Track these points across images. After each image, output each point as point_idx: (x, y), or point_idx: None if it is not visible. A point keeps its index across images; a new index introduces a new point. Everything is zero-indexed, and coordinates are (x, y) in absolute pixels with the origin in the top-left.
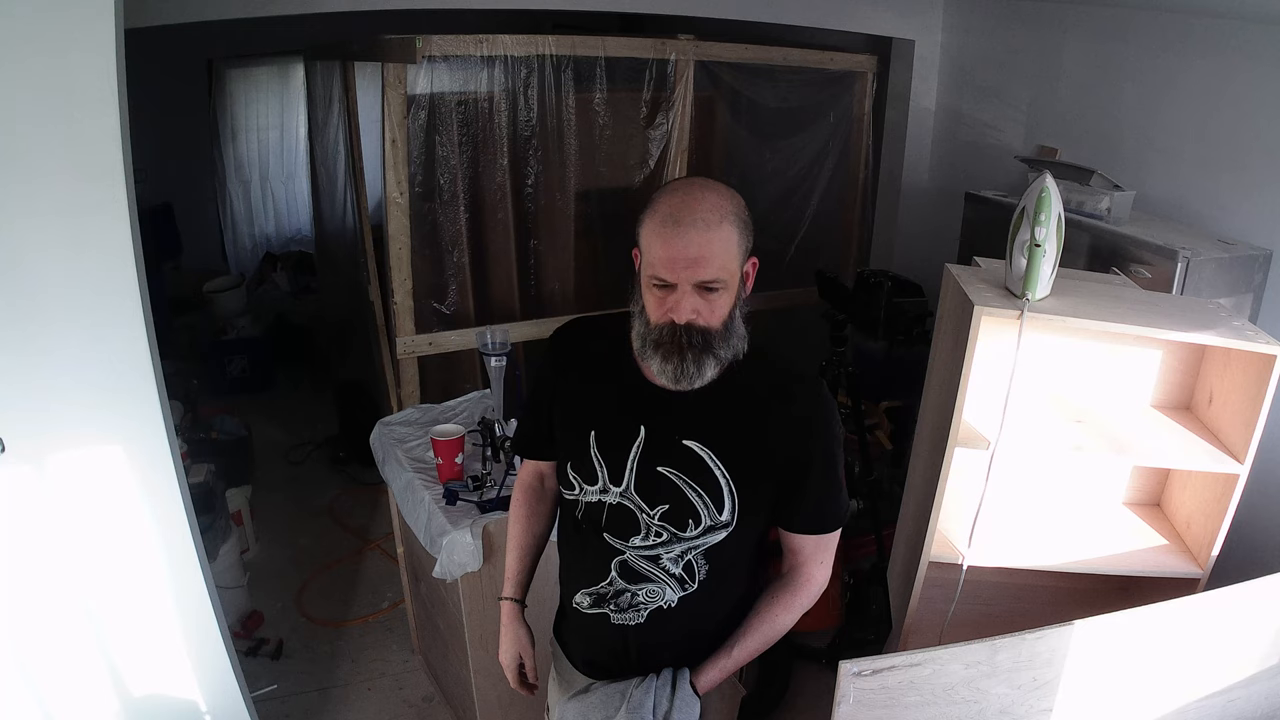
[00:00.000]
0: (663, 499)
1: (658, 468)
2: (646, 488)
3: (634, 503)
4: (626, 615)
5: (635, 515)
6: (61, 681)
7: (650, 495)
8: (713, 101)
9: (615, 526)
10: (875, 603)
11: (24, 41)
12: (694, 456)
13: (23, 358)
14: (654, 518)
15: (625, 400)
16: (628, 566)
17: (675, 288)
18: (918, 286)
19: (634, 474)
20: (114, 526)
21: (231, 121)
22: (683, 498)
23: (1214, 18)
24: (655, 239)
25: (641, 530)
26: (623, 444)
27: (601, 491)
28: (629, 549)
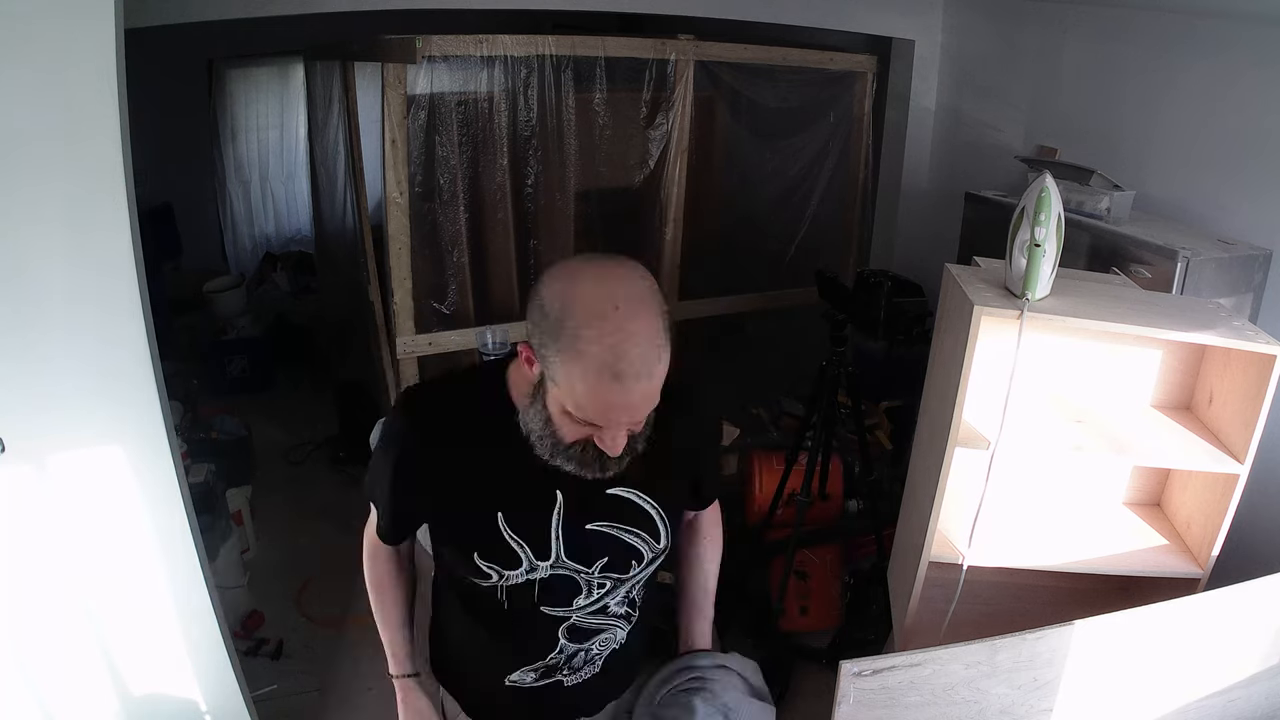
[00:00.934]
0: (599, 554)
1: (586, 526)
2: (579, 550)
3: (569, 569)
4: (582, 673)
5: (573, 579)
6: (61, 681)
7: (585, 556)
8: (713, 101)
9: (553, 597)
10: (875, 603)
11: (24, 42)
12: (622, 501)
13: (23, 358)
14: (594, 574)
15: (526, 467)
16: (576, 629)
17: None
18: (918, 286)
19: (561, 543)
20: (114, 526)
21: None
22: (620, 544)
23: (1215, 18)
24: (582, 384)
25: (583, 590)
26: (539, 518)
27: (528, 571)
28: (574, 612)
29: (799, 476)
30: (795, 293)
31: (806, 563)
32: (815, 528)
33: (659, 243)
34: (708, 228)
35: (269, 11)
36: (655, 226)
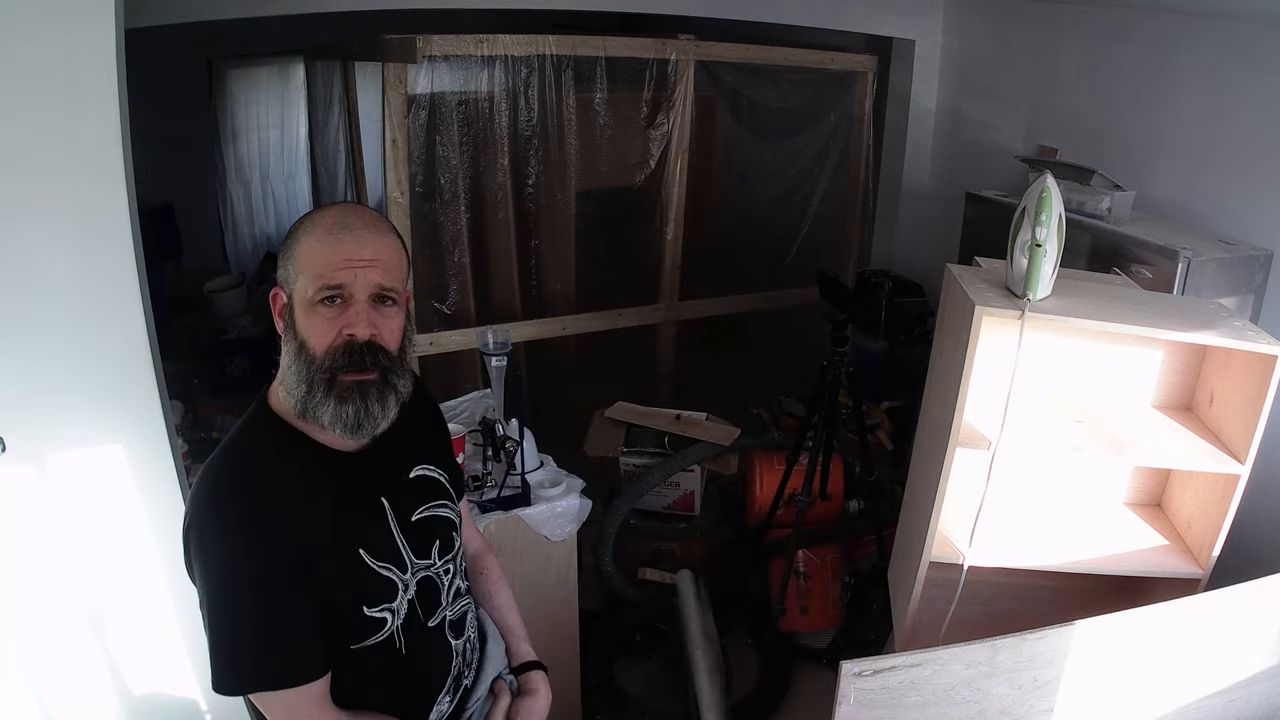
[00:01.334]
0: (432, 539)
1: (413, 519)
2: (419, 546)
3: (422, 569)
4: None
5: (430, 578)
6: (61, 681)
7: (425, 549)
8: (713, 101)
9: (428, 606)
10: (875, 603)
11: (24, 41)
12: (424, 481)
13: (23, 357)
14: (437, 562)
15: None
16: (454, 624)
17: (348, 302)
18: (918, 286)
19: (407, 547)
20: (114, 526)
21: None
22: (440, 520)
23: (1215, 18)
24: (319, 247)
25: (440, 584)
26: (384, 533)
27: (404, 593)
28: (446, 609)
29: (799, 476)
30: (796, 293)
31: (807, 563)
32: (815, 528)
33: (659, 243)
34: (708, 228)
35: (269, 11)
36: (656, 226)
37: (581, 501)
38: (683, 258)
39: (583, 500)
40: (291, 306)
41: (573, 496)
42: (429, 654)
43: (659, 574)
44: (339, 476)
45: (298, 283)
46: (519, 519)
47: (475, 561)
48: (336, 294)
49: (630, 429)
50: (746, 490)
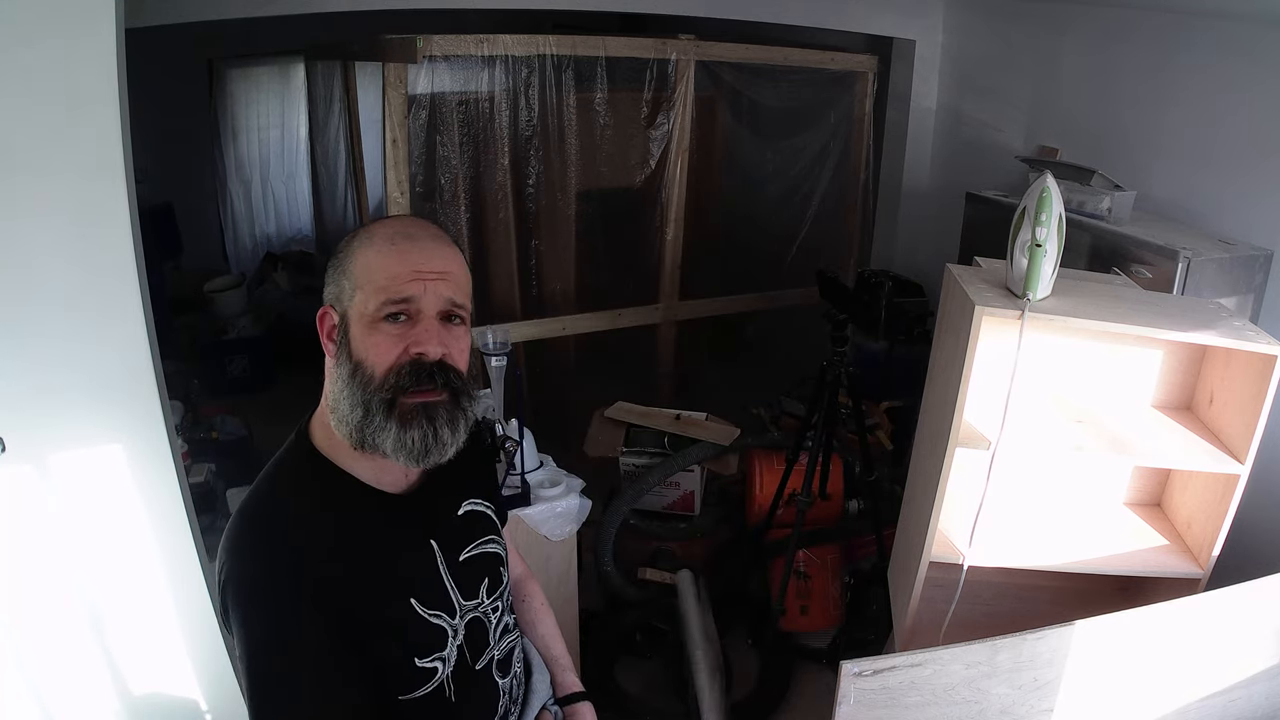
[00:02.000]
0: (480, 578)
1: (460, 559)
2: (467, 588)
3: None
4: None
5: (478, 619)
6: (61, 681)
7: (473, 589)
8: (714, 101)
9: (476, 649)
10: (875, 603)
11: (24, 41)
12: (472, 517)
13: (23, 357)
14: (485, 601)
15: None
16: (501, 663)
17: (415, 318)
18: (918, 286)
19: (455, 590)
20: (114, 526)
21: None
22: (488, 558)
23: (1215, 18)
24: (380, 258)
25: (488, 624)
26: (434, 579)
27: (454, 638)
28: (496, 650)
29: (799, 476)
30: (796, 293)
31: (807, 563)
32: (815, 528)
33: (660, 243)
34: (708, 228)
35: (269, 11)
36: (656, 226)
37: (581, 501)
38: (683, 258)
39: (582, 500)
40: (345, 326)
41: (572, 496)
42: (476, 697)
43: (659, 574)
44: (386, 522)
45: (354, 299)
46: (519, 519)
47: (518, 588)
48: (402, 309)
49: (630, 429)
50: (746, 490)
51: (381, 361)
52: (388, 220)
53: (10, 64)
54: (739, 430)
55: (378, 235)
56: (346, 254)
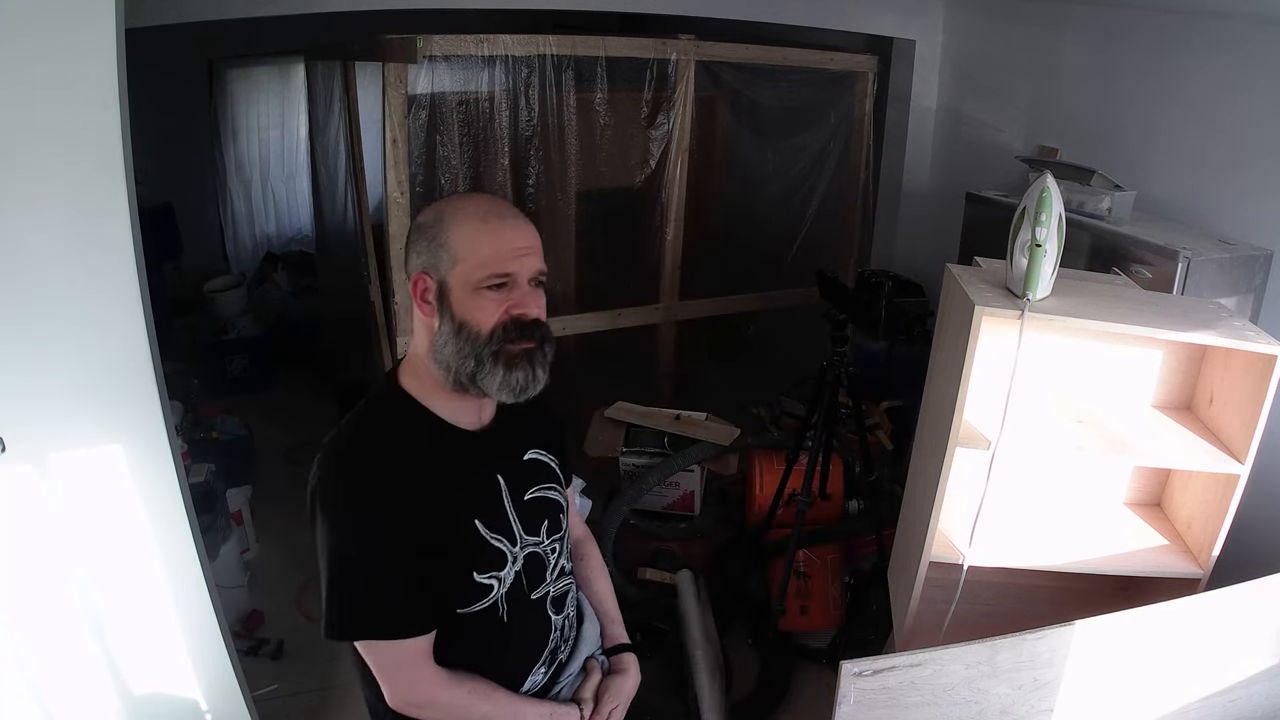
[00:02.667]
0: (542, 519)
1: (525, 498)
2: (530, 524)
3: (530, 545)
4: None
5: (537, 554)
6: (61, 681)
7: (535, 527)
8: (714, 101)
9: (533, 580)
10: (875, 603)
11: (24, 41)
12: (536, 464)
13: (23, 357)
14: (545, 541)
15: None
16: (555, 600)
17: (513, 285)
18: (918, 286)
19: (518, 523)
20: (114, 526)
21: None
22: (550, 504)
23: (1214, 18)
24: (480, 236)
25: (546, 561)
26: (498, 507)
27: (512, 564)
28: (550, 585)
29: (799, 476)
30: (796, 293)
31: (807, 563)
32: (815, 528)
33: (660, 243)
34: (709, 227)
35: (269, 11)
36: (656, 226)
37: (581, 501)
38: (683, 258)
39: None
40: (445, 291)
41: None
42: (529, 625)
43: (659, 574)
44: (462, 452)
45: (455, 269)
46: None
47: (577, 547)
48: (503, 280)
49: (630, 429)
50: (746, 490)
51: (486, 321)
52: (471, 198)
53: (10, 64)
54: (739, 430)
55: (471, 213)
56: (439, 228)
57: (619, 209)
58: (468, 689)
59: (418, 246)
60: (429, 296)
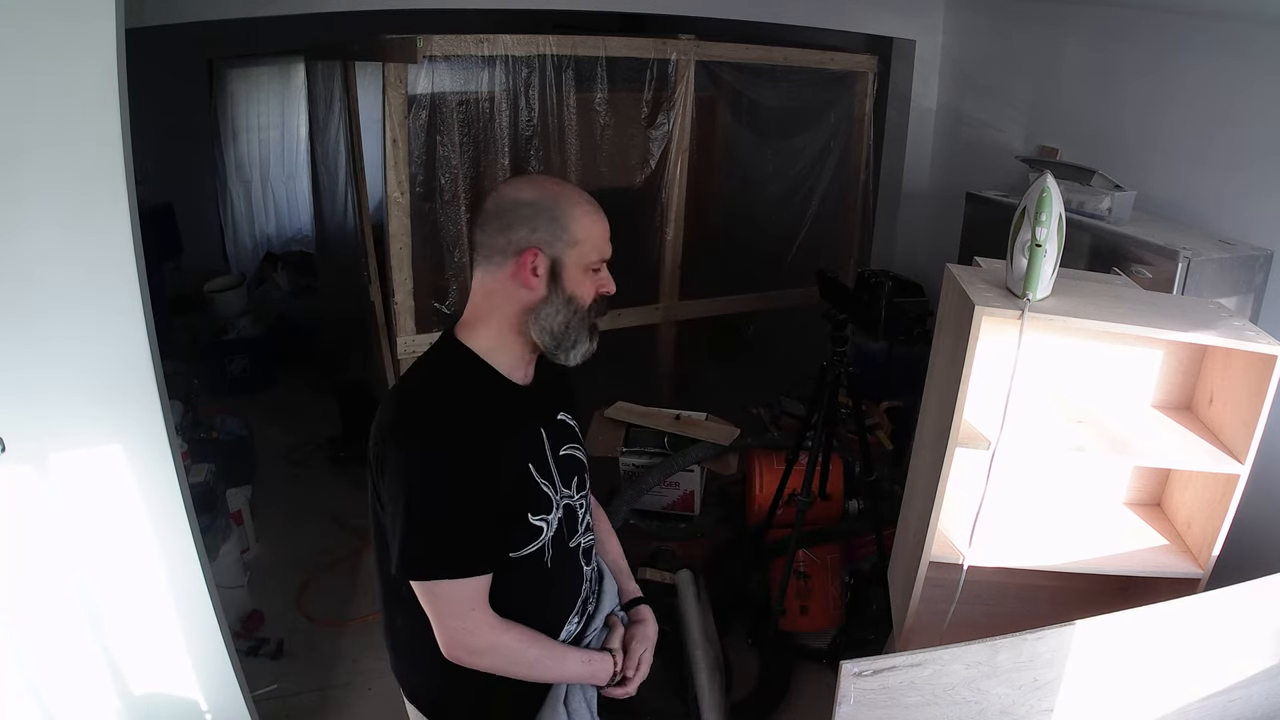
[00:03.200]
0: (574, 473)
1: (561, 453)
2: (565, 476)
3: (567, 497)
4: (596, 591)
5: (571, 506)
6: (62, 681)
7: (569, 480)
8: (714, 101)
9: (571, 529)
10: (875, 603)
11: (24, 42)
12: (568, 425)
13: (23, 357)
14: (576, 494)
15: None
16: (587, 551)
17: (601, 267)
18: (918, 286)
19: (557, 474)
20: (114, 526)
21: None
22: (579, 461)
23: (1214, 18)
24: (591, 223)
25: (578, 513)
26: (543, 457)
27: (555, 511)
28: (582, 536)
29: (799, 476)
30: (796, 293)
31: (807, 563)
32: (815, 528)
33: (660, 243)
34: (709, 227)
35: (269, 11)
36: (656, 226)
37: None
38: (683, 258)
39: None
40: (558, 267)
41: None
42: (567, 572)
43: (659, 574)
44: (517, 404)
45: (572, 249)
46: None
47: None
48: (601, 263)
49: (630, 429)
50: (746, 490)
51: (587, 296)
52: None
53: (10, 64)
54: (739, 430)
55: (583, 202)
56: (555, 210)
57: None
58: (517, 633)
59: (532, 223)
60: (539, 270)
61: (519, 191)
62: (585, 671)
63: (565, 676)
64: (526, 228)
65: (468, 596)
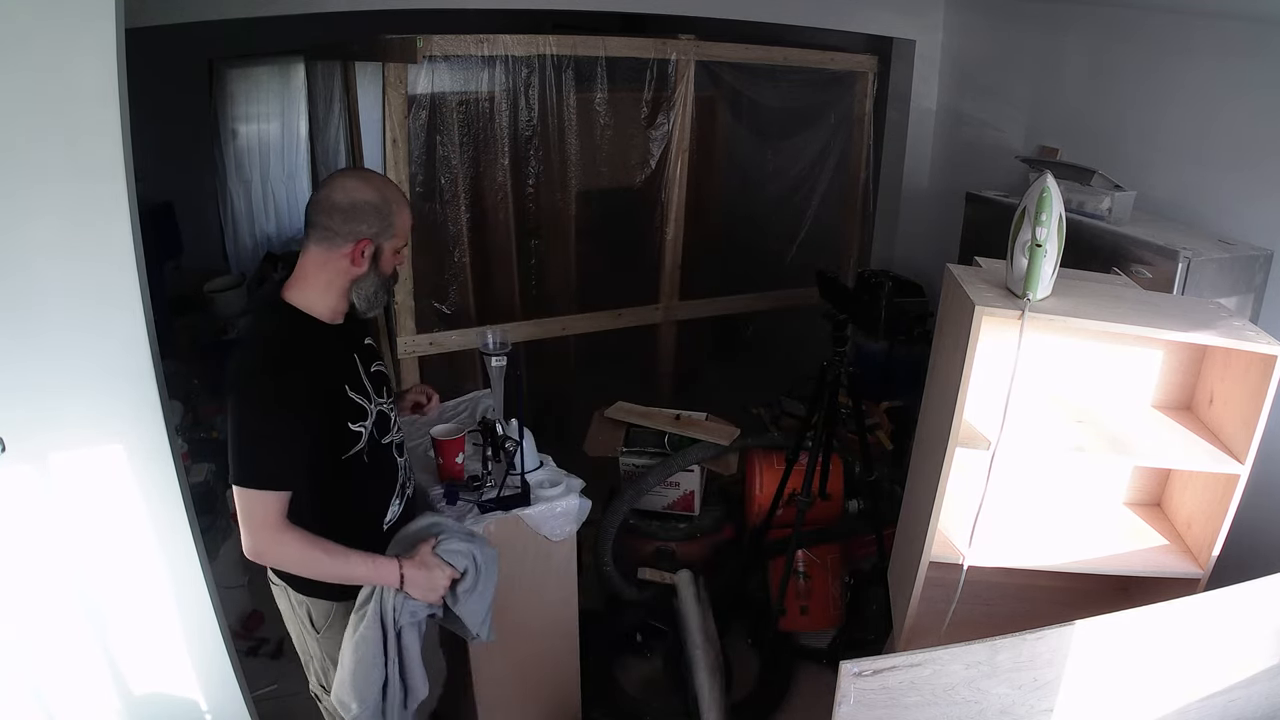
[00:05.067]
0: (383, 384)
1: (371, 370)
2: (376, 387)
3: (378, 404)
4: (407, 480)
5: (383, 411)
6: (62, 680)
7: (380, 389)
8: (714, 101)
9: (383, 429)
10: (875, 603)
11: (24, 41)
12: (373, 349)
13: (24, 357)
14: (386, 400)
15: (333, 350)
16: (398, 446)
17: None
18: (918, 286)
19: (369, 386)
20: (114, 526)
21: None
22: (385, 375)
23: (1214, 17)
24: (407, 218)
25: (389, 417)
26: (356, 376)
27: (369, 417)
28: (393, 434)
29: (799, 476)
30: (796, 293)
31: (807, 563)
32: (815, 528)
33: (660, 243)
34: (708, 228)
35: (269, 11)
36: (656, 226)
37: (581, 501)
38: (683, 258)
39: (582, 500)
40: (380, 253)
41: (572, 497)
42: (384, 465)
43: (659, 574)
44: (332, 340)
45: (391, 240)
46: (519, 519)
47: None
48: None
49: (630, 429)
50: (746, 490)
51: (386, 271)
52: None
53: (11, 64)
54: (739, 430)
55: (403, 201)
56: (387, 210)
57: (619, 209)
58: (302, 540)
59: (369, 220)
60: (367, 255)
61: (361, 193)
62: (370, 571)
63: (353, 576)
64: (365, 224)
65: (264, 509)
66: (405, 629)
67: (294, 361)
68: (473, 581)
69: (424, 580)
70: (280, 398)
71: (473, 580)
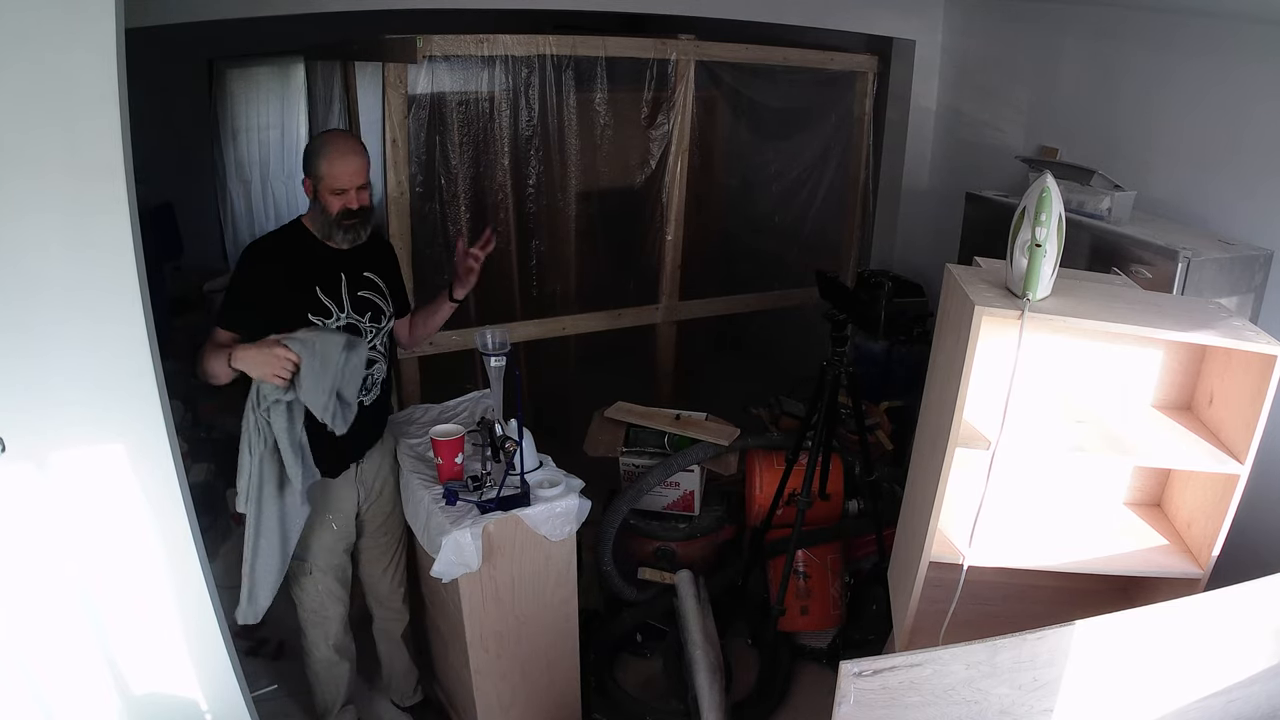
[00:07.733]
0: (367, 309)
1: (358, 293)
2: (357, 307)
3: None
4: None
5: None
6: (62, 680)
7: (361, 310)
8: (714, 101)
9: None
10: (875, 603)
11: (24, 41)
12: (370, 280)
13: (23, 357)
14: (366, 321)
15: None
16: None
17: (347, 191)
18: (918, 286)
19: (348, 302)
20: (114, 526)
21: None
22: (374, 304)
23: (1214, 17)
24: (335, 165)
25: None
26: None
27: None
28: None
29: (799, 476)
30: (796, 293)
31: (807, 563)
32: (815, 528)
33: (660, 243)
34: (708, 228)
35: (269, 11)
36: (656, 226)
37: (581, 501)
38: (683, 258)
39: (582, 500)
40: (318, 190)
41: (572, 497)
42: None
43: (659, 574)
44: (323, 256)
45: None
46: (518, 519)
47: None
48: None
49: (630, 429)
50: (746, 490)
51: (333, 209)
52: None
53: (10, 64)
54: (739, 430)
55: (334, 152)
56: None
57: (619, 209)
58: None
59: (310, 162)
60: (309, 190)
61: (313, 142)
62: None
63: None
64: (309, 165)
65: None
66: (272, 409)
67: (277, 254)
68: (309, 367)
69: (254, 356)
70: (254, 269)
71: (309, 366)
